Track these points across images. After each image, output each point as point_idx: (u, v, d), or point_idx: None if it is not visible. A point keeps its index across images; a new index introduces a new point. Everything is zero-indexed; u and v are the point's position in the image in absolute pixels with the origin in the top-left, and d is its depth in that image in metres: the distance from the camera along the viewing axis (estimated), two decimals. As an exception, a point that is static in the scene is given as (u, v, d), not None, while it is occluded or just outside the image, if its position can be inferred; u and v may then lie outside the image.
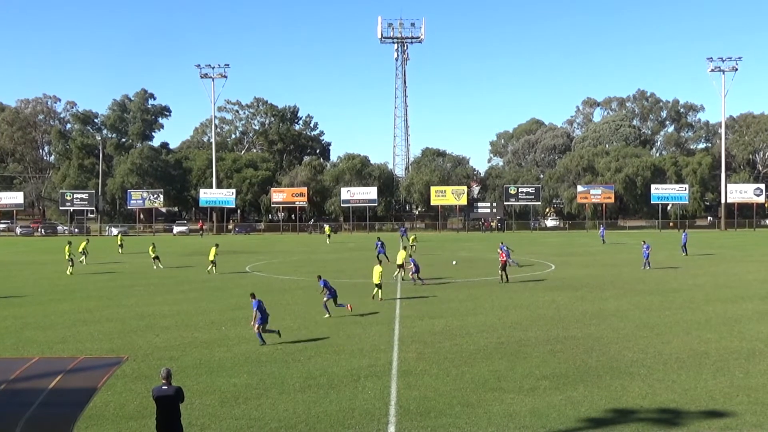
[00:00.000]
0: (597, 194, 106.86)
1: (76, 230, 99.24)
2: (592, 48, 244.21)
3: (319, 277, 29.04)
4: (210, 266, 44.69)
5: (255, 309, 23.03)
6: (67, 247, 46.46)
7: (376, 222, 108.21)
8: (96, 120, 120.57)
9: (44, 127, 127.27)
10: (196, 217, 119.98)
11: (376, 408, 15.89)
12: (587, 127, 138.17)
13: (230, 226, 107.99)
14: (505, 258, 38.71)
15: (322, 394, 17.05)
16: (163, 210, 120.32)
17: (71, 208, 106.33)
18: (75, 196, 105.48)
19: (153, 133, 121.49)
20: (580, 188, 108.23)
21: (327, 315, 27.64)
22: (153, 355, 21.23)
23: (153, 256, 48.68)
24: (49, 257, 54.80)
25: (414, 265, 37.82)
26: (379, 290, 32.22)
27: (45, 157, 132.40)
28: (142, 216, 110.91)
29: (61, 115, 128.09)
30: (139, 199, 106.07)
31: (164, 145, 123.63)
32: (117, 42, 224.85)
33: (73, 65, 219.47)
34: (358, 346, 22.40)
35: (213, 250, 45.53)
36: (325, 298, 27.94)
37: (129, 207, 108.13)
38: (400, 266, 40.14)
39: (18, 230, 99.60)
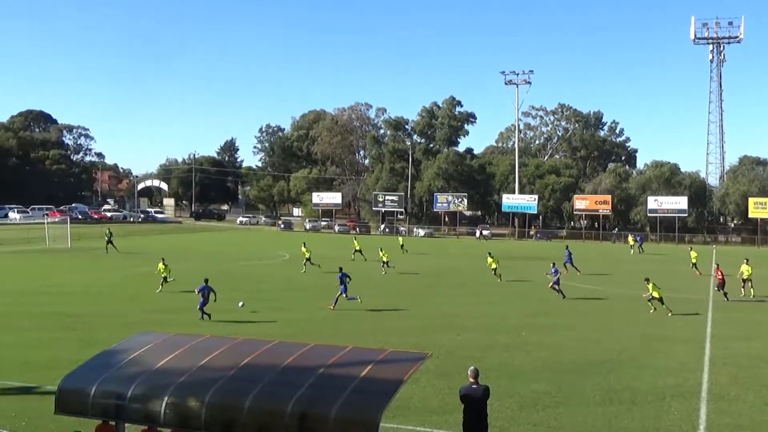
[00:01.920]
0: None
1: (387, 230, 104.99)
2: None
3: (341, 269, 32.68)
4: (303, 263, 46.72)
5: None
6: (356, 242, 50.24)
7: (686, 234, 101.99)
8: (407, 126, 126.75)
9: (360, 132, 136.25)
10: (498, 221, 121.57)
11: (683, 431, 14.93)
12: None
13: (531, 232, 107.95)
14: (720, 276, 34.97)
15: (623, 409, 16.38)
16: (467, 214, 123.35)
17: (383, 209, 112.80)
18: (386, 197, 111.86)
19: (459, 139, 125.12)
20: None
21: (331, 307, 30.78)
22: (455, 354, 21.77)
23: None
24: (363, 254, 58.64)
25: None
26: (660, 303, 30.36)
27: (360, 161, 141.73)
28: (447, 219, 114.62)
29: (374, 121, 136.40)
30: (444, 202, 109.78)
31: (469, 151, 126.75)
32: (425, 50, 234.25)
33: (385, 74, 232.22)
34: (663, 363, 21.24)
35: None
36: (340, 293, 31.08)
37: (435, 210, 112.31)
38: (746, 281, 36.78)
39: (336, 228, 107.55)
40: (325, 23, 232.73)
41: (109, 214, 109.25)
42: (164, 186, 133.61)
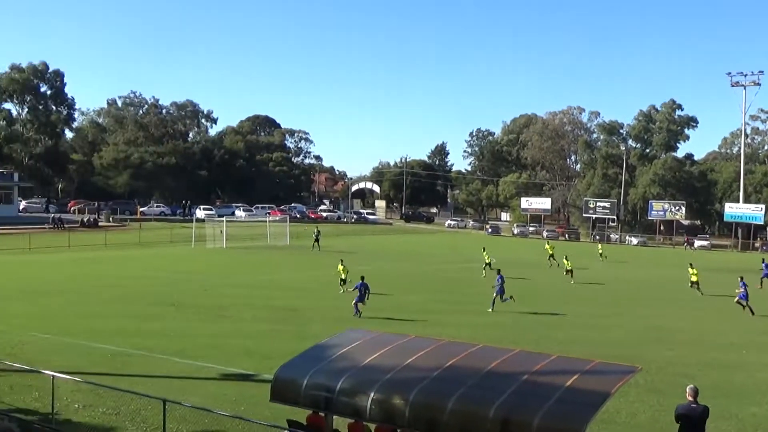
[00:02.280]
0: None
1: (597, 237, 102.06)
2: None
3: (498, 271, 33.49)
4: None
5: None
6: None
7: None
8: (621, 130, 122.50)
9: (571, 137, 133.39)
10: (719, 231, 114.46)
11: None
12: None
13: (757, 244, 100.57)
14: None
15: None
16: (684, 223, 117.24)
17: (593, 216, 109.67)
18: (597, 204, 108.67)
19: (678, 144, 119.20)
20: None
21: (490, 309, 31.34)
22: (666, 370, 20.78)
23: (342, 276, 36.35)
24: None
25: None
26: None
27: (571, 166, 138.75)
28: (662, 227, 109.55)
29: (587, 126, 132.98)
30: (660, 210, 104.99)
31: (689, 156, 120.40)
32: (642, 51, 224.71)
33: (599, 76, 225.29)
34: None
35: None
36: (495, 295, 31.94)
37: (649, 218, 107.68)
38: None
39: (544, 233, 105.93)
40: (537, 26, 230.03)
41: (324, 215, 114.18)
42: (376, 188, 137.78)
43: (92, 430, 14.73)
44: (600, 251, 63.80)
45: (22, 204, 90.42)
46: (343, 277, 36.23)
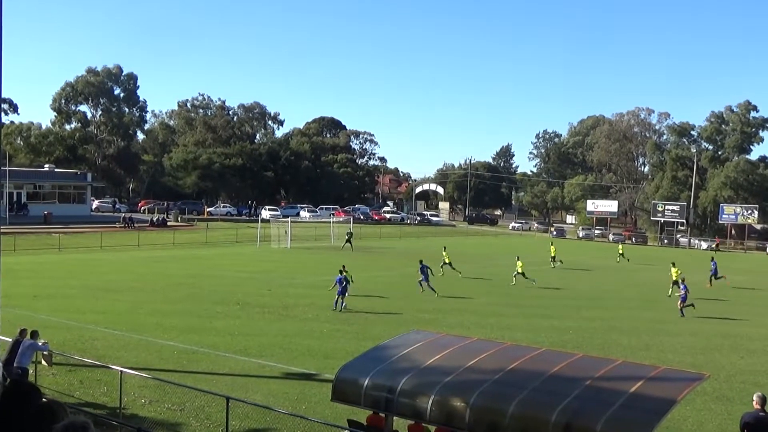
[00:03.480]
0: None
1: (666, 241, 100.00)
2: None
3: (421, 261, 35.81)
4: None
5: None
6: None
7: None
8: (692, 132, 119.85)
9: (639, 139, 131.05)
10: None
11: None
12: None
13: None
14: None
15: None
16: (757, 227, 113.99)
17: (661, 219, 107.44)
18: (666, 207, 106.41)
19: (751, 146, 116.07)
20: None
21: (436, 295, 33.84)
22: (735, 378, 20.26)
23: (447, 261, 44.31)
24: (639, 266, 56.17)
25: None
26: None
27: (639, 168, 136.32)
28: (733, 232, 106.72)
29: (656, 127, 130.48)
30: (731, 214, 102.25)
31: (763, 159, 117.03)
32: (715, 51, 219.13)
33: (670, 77, 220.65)
34: None
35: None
36: (421, 282, 35.07)
37: (720, 221, 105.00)
38: None
39: (611, 237, 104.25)
40: (605, 26, 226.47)
41: (387, 216, 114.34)
42: (440, 190, 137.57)
43: (158, 426, 15.05)
44: (621, 252, 62.07)
45: (95, 203, 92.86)
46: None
